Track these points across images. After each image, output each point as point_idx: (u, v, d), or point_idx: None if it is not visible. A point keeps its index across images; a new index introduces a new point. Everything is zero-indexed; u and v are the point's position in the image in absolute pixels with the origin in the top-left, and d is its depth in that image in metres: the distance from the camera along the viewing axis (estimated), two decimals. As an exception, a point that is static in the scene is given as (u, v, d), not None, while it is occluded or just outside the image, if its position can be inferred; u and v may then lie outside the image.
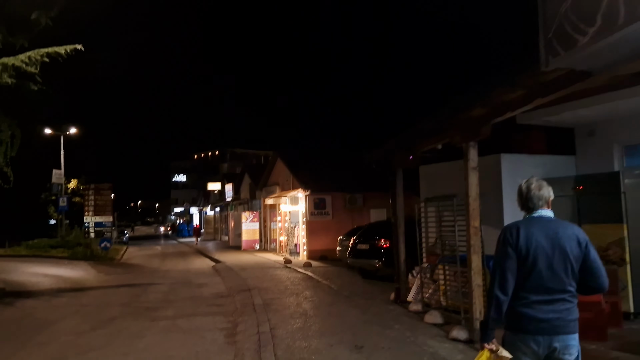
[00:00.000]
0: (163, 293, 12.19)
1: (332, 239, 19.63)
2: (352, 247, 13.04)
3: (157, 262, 22.60)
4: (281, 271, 15.40)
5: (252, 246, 26.75)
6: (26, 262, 22.79)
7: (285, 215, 22.36)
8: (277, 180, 24.57)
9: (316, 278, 13.26)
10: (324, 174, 21.17)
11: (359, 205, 20.66)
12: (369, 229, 13.51)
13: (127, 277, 16.26)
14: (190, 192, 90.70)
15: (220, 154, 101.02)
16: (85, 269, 19.63)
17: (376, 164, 9.33)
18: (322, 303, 9.39)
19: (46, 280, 15.93)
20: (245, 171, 31.97)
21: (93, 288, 13.75)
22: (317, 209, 20.22)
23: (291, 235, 21.44)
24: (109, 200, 23.87)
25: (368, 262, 12.30)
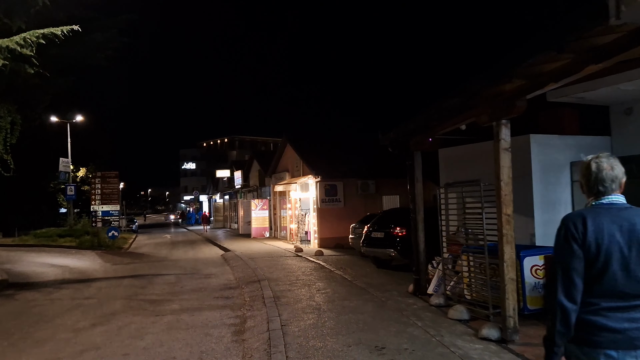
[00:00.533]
0: (169, 284, 11.71)
1: (344, 227, 19.07)
2: (365, 236, 12.44)
3: (166, 251, 22.21)
4: (292, 260, 14.86)
5: (262, 234, 26.28)
6: (33, 251, 22.54)
7: (296, 203, 21.80)
8: (287, 167, 23.97)
9: (328, 268, 12.70)
10: (335, 159, 20.55)
11: (371, 192, 20.03)
12: (384, 216, 12.88)
13: (133, 267, 15.83)
14: (200, 179, 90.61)
15: (229, 142, 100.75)
16: (92, 258, 19.28)
17: (392, 146, 8.67)
18: (336, 296, 8.82)
19: (51, 270, 15.57)
20: (254, 158, 31.38)
21: (98, 279, 13.32)
22: (328, 196, 19.62)
23: (302, 223, 20.89)
24: (116, 189, 23.42)
25: (383, 251, 11.70)
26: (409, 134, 8.28)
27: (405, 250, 11.31)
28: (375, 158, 21.46)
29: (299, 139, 22.81)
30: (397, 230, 11.49)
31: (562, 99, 7.67)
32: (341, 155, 21.05)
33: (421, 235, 8.60)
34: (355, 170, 20.34)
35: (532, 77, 4.78)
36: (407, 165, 8.71)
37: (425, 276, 8.57)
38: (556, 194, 7.80)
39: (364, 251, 12.44)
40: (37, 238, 27.96)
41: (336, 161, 20.46)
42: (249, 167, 32.66)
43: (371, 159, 21.38)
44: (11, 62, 11.25)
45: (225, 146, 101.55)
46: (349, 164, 20.71)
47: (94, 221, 23.12)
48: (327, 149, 21.48)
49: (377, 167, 20.72)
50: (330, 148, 21.66)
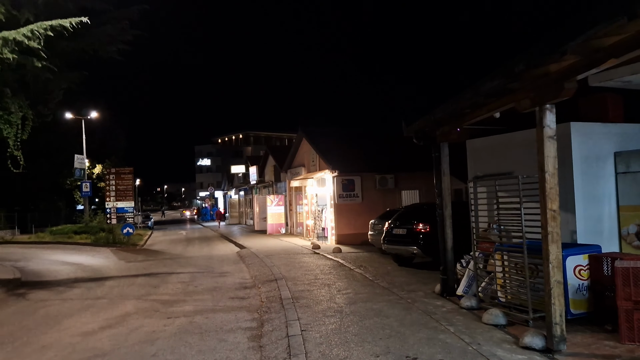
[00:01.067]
0: (183, 283, 11.30)
1: (362, 223, 18.54)
2: (387, 232, 11.88)
3: (181, 247, 21.90)
4: (309, 258, 14.37)
5: (277, 230, 25.85)
6: (48, 248, 22.43)
7: (312, 198, 21.30)
8: (303, 162, 23.47)
9: (348, 266, 12.18)
10: (353, 153, 19.99)
11: (390, 186, 19.43)
12: (406, 212, 12.30)
13: (147, 265, 15.49)
14: (215, 175, 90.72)
15: (244, 137, 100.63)
16: (106, 255, 19.03)
17: (417, 137, 8.10)
18: (358, 297, 8.29)
19: (64, 268, 15.32)
20: (269, 153, 30.94)
21: (110, 277, 12.98)
22: (345, 191, 19.08)
23: (318, 219, 20.39)
24: (131, 185, 23.18)
25: (405, 248, 11.13)
26: (436, 123, 7.69)
27: (429, 247, 10.74)
28: (394, 152, 20.87)
29: (315, 133, 22.28)
30: (420, 227, 10.91)
31: (606, 84, 7.00)
32: (359, 149, 20.48)
33: (449, 232, 8.02)
34: (374, 164, 19.75)
35: (589, 53, 4.17)
36: (434, 158, 8.13)
37: (453, 276, 8.00)
38: (599, 187, 7.15)
39: (385, 248, 11.89)
40: (53, 235, 27.96)
41: (353, 155, 19.90)
42: (264, 163, 32.25)
43: (390, 153, 20.79)
44: (19, 55, 10.90)
45: (240, 142, 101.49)
46: (367, 158, 20.13)
47: (109, 218, 22.89)
48: (344, 142, 20.92)
49: (396, 161, 20.10)
50: (348, 142, 21.09)
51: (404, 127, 8.37)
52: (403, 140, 22.24)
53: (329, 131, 23.17)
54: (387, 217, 14.71)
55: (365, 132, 23.53)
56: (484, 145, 8.17)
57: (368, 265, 12.31)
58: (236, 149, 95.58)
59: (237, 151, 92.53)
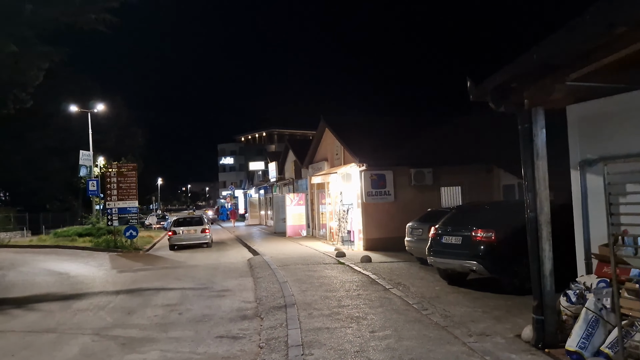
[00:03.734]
0: (167, 308, 8.67)
1: (395, 226, 15.66)
2: (433, 241, 8.99)
3: (189, 252, 19.39)
4: (332, 270, 11.60)
5: (298, 232, 23.15)
6: (44, 253, 20.29)
7: (336, 197, 18.52)
8: (326, 155, 20.71)
9: (382, 283, 9.35)
10: (383, 144, 17.11)
11: (427, 182, 16.48)
12: (459, 214, 9.37)
13: (140, 277, 12.99)
14: (238, 174, 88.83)
15: (268, 135, 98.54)
16: (101, 263, 16.67)
17: (496, 98, 5.24)
18: (403, 346, 5.47)
19: (45, 280, 13.02)
20: (289, 147, 28.24)
21: (86, 295, 10.48)
22: (375, 188, 16.22)
23: (343, 221, 17.58)
24: (134, 183, 20.79)
25: (460, 262, 8.23)
26: (524, 79, 4.83)
27: (495, 262, 7.85)
28: (430, 142, 17.93)
29: (339, 123, 19.48)
30: (482, 235, 8.00)
31: None
32: (390, 140, 17.59)
33: (546, 247, 5.12)
34: (408, 156, 16.83)
35: None
36: (521, 132, 5.25)
37: (554, 316, 5.11)
38: None
39: (432, 262, 9.00)
40: (56, 237, 26.00)
41: (384, 146, 17.01)
42: (284, 158, 29.61)
43: (426, 143, 17.85)
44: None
45: (264, 140, 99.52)
46: (400, 149, 17.21)
47: (110, 219, 20.56)
48: (372, 132, 18.07)
49: (434, 153, 17.16)
50: (377, 132, 18.24)
51: (470, 86, 5.50)
52: (441, 128, 19.38)
53: (354, 120, 20.37)
54: (429, 219, 11.84)
55: (397, 120, 20.61)
56: (606, 111, 5.20)
57: (407, 282, 9.47)
58: (259, 147, 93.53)
59: (260, 149, 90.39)
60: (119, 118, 47.08)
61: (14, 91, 13.15)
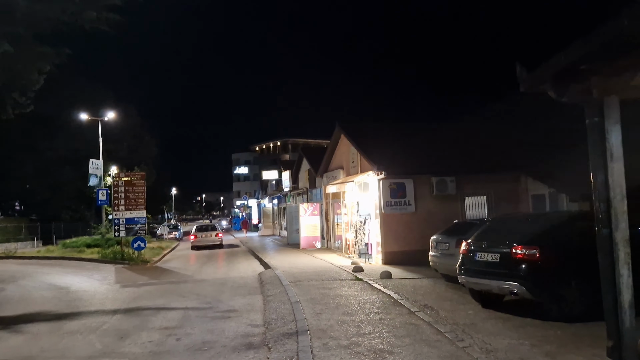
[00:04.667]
0: (164, 332, 7.72)
1: (415, 238, 14.68)
2: (465, 258, 7.92)
3: (197, 265, 18.51)
4: (349, 288, 10.55)
5: (312, 244, 22.14)
6: (50, 265, 19.58)
7: (352, 207, 17.51)
8: (341, 163, 19.73)
9: (406, 305, 8.30)
10: (402, 151, 16.10)
11: (450, 192, 15.37)
12: (494, 227, 8.29)
13: (142, 294, 12.09)
14: (252, 184, 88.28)
15: (282, 145, 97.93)
16: (105, 276, 15.83)
17: (558, 86, 4.24)
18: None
19: (43, 295, 12.23)
20: (303, 156, 27.34)
21: (80, 315, 9.59)
22: (394, 198, 15.18)
23: (360, 232, 16.55)
24: (142, 192, 20.01)
25: (499, 284, 7.15)
26: (601, 56, 3.82)
27: (540, 284, 6.76)
28: (453, 149, 16.88)
29: (355, 129, 18.52)
30: (523, 252, 6.92)
31: None
32: (410, 146, 16.56)
33: (624, 271, 4.06)
34: (429, 164, 15.80)
35: None
36: (590, 126, 4.22)
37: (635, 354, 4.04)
38: None
39: (464, 281, 7.92)
40: (64, 248, 25.34)
41: (403, 153, 16.00)
42: (298, 167, 28.70)
43: (448, 150, 16.80)
44: None
45: (278, 149, 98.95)
46: (421, 156, 16.20)
47: (117, 230, 19.79)
48: (391, 138, 17.07)
49: (457, 160, 16.10)
50: (395, 138, 17.22)
51: (520, 74, 4.49)
52: (464, 134, 18.28)
53: (372, 126, 19.39)
54: (456, 232, 10.80)
55: (417, 126, 19.57)
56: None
57: (435, 304, 8.40)
58: (274, 157, 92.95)
59: (275, 159, 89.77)
60: (132, 127, 46.74)
61: (13, 95, 12.42)
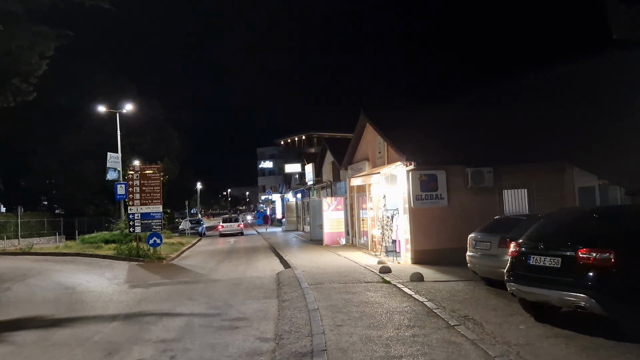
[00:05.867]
0: (160, 346, 6.66)
1: (448, 235, 13.41)
2: (516, 261, 6.58)
3: (215, 262, 17.57)
4: (376, 292, 9.33)
5: (336, 240, 20.95)
6: (63, 262, 18.95)
7: (379, 201, 16.24)
8: (367, 154, 18.45)
9: (443, 317, 7.04)
10: (433, 140, 14.78)
11: (486, 184, 13.94)
12: (551, 225, 6.89)
13: (150, 295, 11.15)
14: (277, 178, 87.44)
15: (307, 139, 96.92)
16: (117, 274, 15.02)
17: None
18: None
19: (46, 297, 11.50)
20: (327, 147, 26.12)
21: (76, 321, 8.66)
22: (425, 191, 13.84)
23: (387, 229, 15.26)
24: (158, 186, 19.16)
25: (561, 295, 5.81)
26: None
27: (616, 296, 5.42)
28: (490, 136, 15.42)
29: (381, 117, 17.19)
30: (593, 256, 5.56)
31: None
32: (442, 134, 15.22)
33: None
34: (463, 153, 14.41)
35: None
36: None
37: None
38: None
39: (514, 290, 6.58)
40: (82, 244, 24.86)
41: (434, 142, 14.67)
42: (322, 159, 27.50)
43: (484, 138, 15.35)
44: None
45: (303, 143, 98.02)
46: (454, 145, 14.82)
47: (132, 225, 19.00)
48: (420, 126, 15.70)
49: (494, 149, 14.65)
50: (425, 125, 15.85)
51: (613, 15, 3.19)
52: (502, 121, 16.73)
53: (399, 114, 18.01)
54: (498, 229, 9.47)
55: (449, 112, 18.10)
56: None
57: (477, 315, 7.11)
58: (298, 151, 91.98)
59: (300, 153, 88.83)
60: (155, 121, 46.32)
61: (13, 81, 11.57)
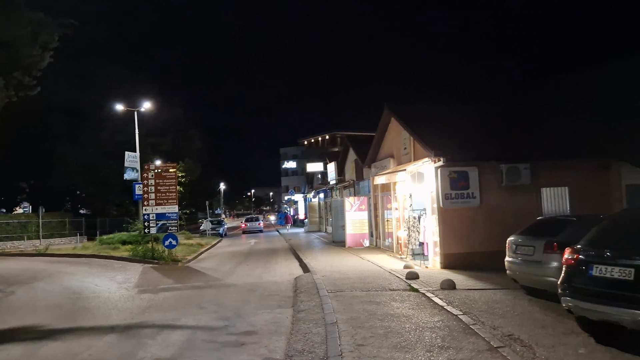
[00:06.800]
0: (154, 366, 5.79)
1: (480, 237, 12.38)
2: (573, 272, 5.47)
3: (231, 265, 16.75)
4: (402, 303, 8.29)
5: (359, 242, 19.92)
6: (77, 264, 18.39)
7: (404, 200, 15.17)
8: (391, 151, 17.38)
9: (482, 335, 5.97)
10: (464, 134, 13.65)
11: (523, 182, 12.74)
12: (616, 228, 5.75)
13: (157, 301, 10.35)
14: (300, 178, 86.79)
15: (331, 138, 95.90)
16: (128, 277, 14.34)
17: None
18: None
19: (49, 302, 10.87)
20: (349, 145, 25.10)
21: (71, 332, 7.88)
22: (455, 190, 12.72)
23: (414, 230, 14.17)
24: (174, 186, 18.48)
25: (635, 315, 4.70)
26: None
27: None
28: (527, 130, 14.20)
29: (407, 111, 16.10)
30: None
31: None
32: (473, 129, 14.06)
33: None
34: (497, 148, 13.25)
35: None
36: None
37: None
38: None
39: (571, 306, 5.46)
40: (100, 244, 24.45)
41: (465, 137, 13.53)
42: (344, 158, 26.50)
43: (520, 132, 14.15)
44: None
45: (326, 143, 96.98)
46: (487, 139, 13.67)
47: (147, 227, 18.35)
48: (449, 120, 14.64)
49: (531, 144, 13.44)
50: (454, 119, 14.77)
51: None
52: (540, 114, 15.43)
53: (425, 108, 16.92)
54: (541, 232, 8.34)
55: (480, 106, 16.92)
56: None
57: (523, 332, 6.02)
58: (322, 151, 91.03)
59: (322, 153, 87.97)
60: (176, 121, 46.01)
61: (15, 74, 10.92)
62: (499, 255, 9.78)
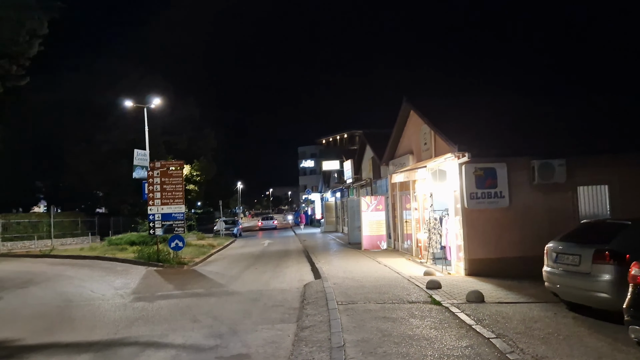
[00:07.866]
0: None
1: (509, 241, 11.21)
2: None
3: (239, 269, 15.76)
4: (423, 321, 7.12)
5: (376, 244, 18.75)
6: (79, 266, 17.62)
7: (424, 200, 13.95)
8: (410, 147, 16.16)
9: (523, 370, 4.79)
10: (490, 127, 12.40)
11: (557, 179, 11.42)
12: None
13: (150, 312, 9.37)
14: (317, 177, 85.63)
15: (349, 137, 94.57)
16: (128, 282, 13.44)
17: None
18: None
19: (36, 311, 10.07)
20: (366, 142, 23.89)
21: (43, 349, 6.93)
22: (481, 188, 11.47)
23: (435, 232, 12.95)
24: (180, 184, 17.60)
25: None
26: None
27: None
28: (561, 122, 12.88)
29: (427, 103, 14.86)
30: None
31: None
32: (500, 121, 12.80)
33: None
34: (528, 142, 11.96)
35: None
36: None
37: None
38: None
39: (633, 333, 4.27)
40: (109, 245, 23.77)
41: (491, 130, 12.29)
42: (361, 156, 25.32)
43: (555, 124, 12.83)
44: None
45: (344, 142, 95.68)
46: (515, 133, 12.39)
47: (152, 227, 17.49)
48: (473, 114, 13.36)
49: (566, 137, 12.12)
50: (479, 112, 13.47)
51: None
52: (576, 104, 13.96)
53: (447, 101, 15.65)
54: (588, 238, 7.09)
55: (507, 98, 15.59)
56: None
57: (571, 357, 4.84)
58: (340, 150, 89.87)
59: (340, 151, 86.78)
60: (192, 119, 45.35)
61: (1, 62, 10.05)
62: (531, 262, 8.59)
